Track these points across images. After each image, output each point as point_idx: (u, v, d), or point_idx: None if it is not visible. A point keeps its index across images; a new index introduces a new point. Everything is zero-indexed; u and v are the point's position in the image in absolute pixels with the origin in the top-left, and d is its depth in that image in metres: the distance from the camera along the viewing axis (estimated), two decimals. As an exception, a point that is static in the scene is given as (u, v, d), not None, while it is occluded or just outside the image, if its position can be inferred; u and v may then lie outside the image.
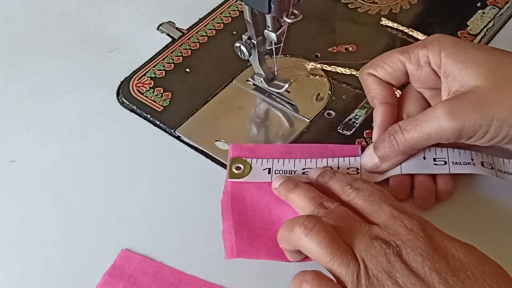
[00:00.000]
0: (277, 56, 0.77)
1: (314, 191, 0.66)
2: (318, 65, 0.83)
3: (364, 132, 0.77)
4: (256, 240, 0.67)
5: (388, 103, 0.71)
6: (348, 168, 0.72)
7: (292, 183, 0.68)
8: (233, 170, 0.72)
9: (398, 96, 0.74)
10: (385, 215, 0.60)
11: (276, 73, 0.81)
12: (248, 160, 0.73)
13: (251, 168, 0.72)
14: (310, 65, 0.84)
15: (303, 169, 0.72)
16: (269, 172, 0.72)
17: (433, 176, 0.70)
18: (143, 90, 0.83)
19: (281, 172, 0.71)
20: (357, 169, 0.72)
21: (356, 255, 0.58)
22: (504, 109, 0.62)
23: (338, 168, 0.72)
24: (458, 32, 0.88)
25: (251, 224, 0.69)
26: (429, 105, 0.72)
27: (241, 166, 0.72)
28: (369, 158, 0.70)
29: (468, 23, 0.89)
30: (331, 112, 0.80)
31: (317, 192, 0.66)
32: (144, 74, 0.85)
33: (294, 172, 0.71)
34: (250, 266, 0.66)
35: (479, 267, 0.55)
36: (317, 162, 0.72)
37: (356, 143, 0.76)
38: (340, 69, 0.83)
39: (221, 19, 0.93)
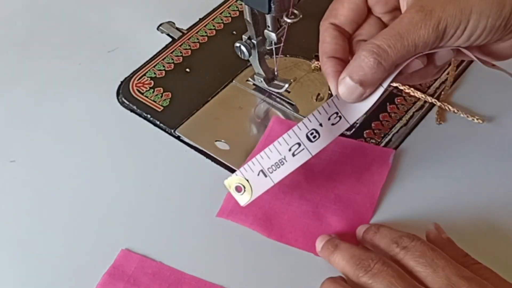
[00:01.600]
0: (277, 56, 0.77)
1: (356, 249, 0.63)
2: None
3: (364, 132, 0.77)
4: (251, 207, 0.68)
5: (336, 57, 0.65)
6: (329, 120, 0.65)
7: (333, 245, 0.65)
8: (237, 193, 0.68)
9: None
10: (441, 281, 0.58)
11: (276, 73, 0.81)
12: (238, 174, 0.68)
13: (248, 181, 0.67)
14: (315, 63, 0.84)
15: (289, 149, 0.65)
16: (265, 175, 0.66)
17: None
18: (143, 90, 0.83)
19: (273, 167, 0.66)
20: (337, 113, 0.65)
21: None
22: (479, 1, 0.58)
23: (321, 125, 0.65)
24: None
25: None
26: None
27: (240, 185, 0.67)
28: (350, 91, 0.62)
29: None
30: (331, 112, 0.79)
31: (358, 250, 0.63)
32: (144, 74, 0.85)
33: (285, 158, 0.65)
34: (250, 266, 0.66)
35: None
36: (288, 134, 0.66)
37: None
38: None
39: (221, 19, 0.93)
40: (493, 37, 0.60)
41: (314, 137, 0.65)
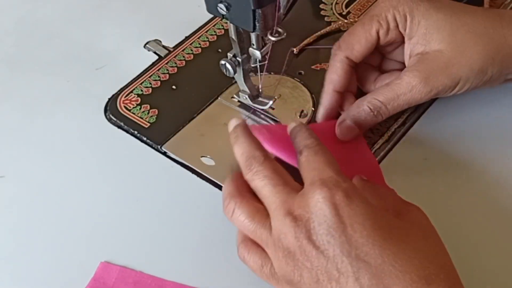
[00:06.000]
0: (261, 73, 0.78)
1: (248, 144, 0.66)
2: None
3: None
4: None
5: (340, 92, 0.77)
6: None
7: (234, 135, 0.67)
8: None
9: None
10: (307, 181, 0.61)
11: (260, 90, 0.82)
12: None
13: None
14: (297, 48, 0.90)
15: None
16: None
17: None
18: (130, 106, 0.84)
19: None
20: None
21: (272, 228, 0.60)
22: (467, 70, 0.72)
23: None
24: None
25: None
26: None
27: None
28: (349, 131, 0.74)
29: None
30: (315, 128, 0.81)
31: (250, 146, 0.65)
32: (131, 91, 0.86)
33: None
34: (231, 269, 0.68)
35: (388, 234, 0.56)
36: None
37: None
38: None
39: (207, 37, 0.94)
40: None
41: None
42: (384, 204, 0.61)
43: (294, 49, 0.90)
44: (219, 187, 0.75)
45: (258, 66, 0.78)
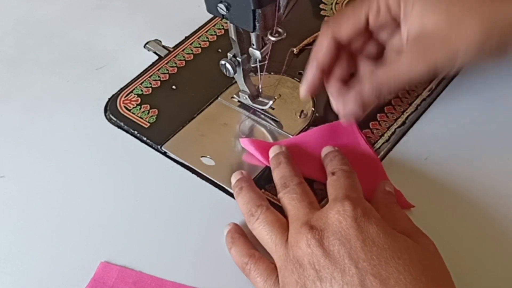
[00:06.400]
0: (261, 73, 0.78)
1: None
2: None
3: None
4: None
5: (324, 70, 0.76)
6: None
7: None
8: None
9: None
10: (332, 196, 0.65)
11: (260, 90, 0.82)
12: None
13: None
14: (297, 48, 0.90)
15: None
16: None
17: None
18: (130, 106, 0.84)
19: None
20: None
21: (288, 238, 0.64)
22: (465, 43, 0.69)
23: None
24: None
25: None
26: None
27: None
28: (353, 113, 0.74)
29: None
30: (315, 128, 0.81)
31: (292, 169, 0.71)
32: (131, 91, 0.86)
33: None
34: (230, 270, 0.68)
35: (396, 254, 0.58)
36: None
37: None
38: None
39: (207, 37, 0.94)
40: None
41: None
42: (398, 226, 0.63)
43: (294, 49, 0.90)
44: (219, 187, 0.75)
45: (258, 66, 0.78)
